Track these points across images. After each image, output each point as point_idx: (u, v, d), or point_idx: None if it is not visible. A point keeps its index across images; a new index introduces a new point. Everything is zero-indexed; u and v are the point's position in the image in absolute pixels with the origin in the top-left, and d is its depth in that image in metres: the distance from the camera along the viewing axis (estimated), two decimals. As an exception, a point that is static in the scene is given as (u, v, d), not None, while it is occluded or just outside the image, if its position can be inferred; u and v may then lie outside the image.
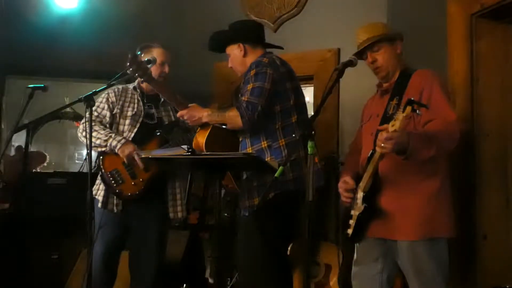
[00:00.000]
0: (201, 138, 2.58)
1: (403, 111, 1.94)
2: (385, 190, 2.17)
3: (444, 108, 2.15)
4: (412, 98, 1.97)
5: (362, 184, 2.18)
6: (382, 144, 1.98)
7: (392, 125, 1.96)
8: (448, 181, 2.24)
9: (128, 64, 2.62)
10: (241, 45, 2.69)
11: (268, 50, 2.76)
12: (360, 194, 2.18)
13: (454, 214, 2.23)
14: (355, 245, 2.36)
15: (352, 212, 2.20)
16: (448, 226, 2.19)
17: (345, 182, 2.30)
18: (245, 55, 2.70)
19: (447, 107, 2.16)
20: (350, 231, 2.19)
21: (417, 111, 1.96)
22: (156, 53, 2.84)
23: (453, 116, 2.13)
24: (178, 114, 2.69)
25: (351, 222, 2.19)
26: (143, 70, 2.67)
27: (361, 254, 2.34)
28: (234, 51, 2.72)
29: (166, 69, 2.91)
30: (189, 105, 2.65)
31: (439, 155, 2.11)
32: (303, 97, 2.70)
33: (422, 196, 2.16)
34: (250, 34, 2.73)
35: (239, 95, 2.58)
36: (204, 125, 2.61)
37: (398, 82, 2.31)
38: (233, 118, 2.49)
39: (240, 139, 2.64)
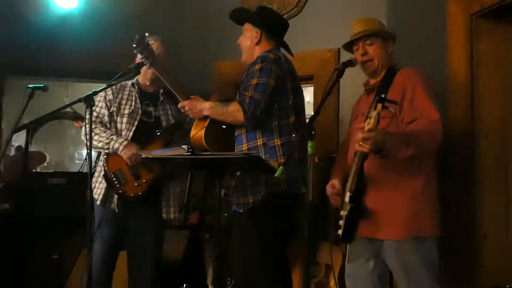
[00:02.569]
0: (199, 130, 2.55)
1: (375, 109, 1.96)
2: (371, 189, 2.18)
3: (426, 108, 2.14)
4: (382, 95, 1.99)
5: (348, 184, 2.19)
6: (360, 143, 1.99)
7: (368, 124, 1.98)
8: (433, 180, 2.24)
9: (135, 45, 2.62)
10: (259, 31, 2.66)
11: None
12: (347, 194, 2.18)
13: (440, 214, 2.22)
14: (347, 245, 2.36)
15: (341, 213, 2.20)
16: (434, 225, 2.19)
17: (332, 185, 2.34)
18: (257, 43, 2.66)
19: (430, 106, 2.15)
20: (340, 231, 2.19)
21: (389, 108, 1.98)
22: (153, 46, 2.82)
23: (436, 116, 2.12)
24: (179, 105, 2.64)
25: (341, 222, 2.19)
26: (149, 52, 2.67)
27: (352, 254, 2.34)
28: (251, 33, 2.68)
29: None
30: (191, 96, 2.63)
31: (420, 155, 2.11)
32: (302, 99, 2.67)
33: (406, 195, 2.16)
34: (272, 26, 2.69)
35: (241, 88, 2.54)
36: (202, 117, 2.58)
37: (383, 80, 2.32)
38: (234, 113, 2.45)
39: (236, 134, 2.60)
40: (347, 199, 2.17)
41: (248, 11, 2.78)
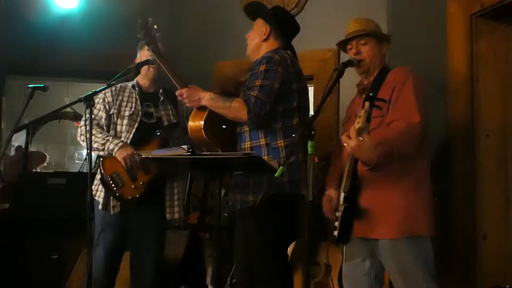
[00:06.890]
0: (198, 121, 2.51)
1: (363, 107, 1.96)
2: (364, 189, 2.17)
3: (409, 109, 2.10)
4: (370, 94, 1.99)
5: (342, 184, 2.18)
6: (349, 150, 1.98)
7: (357, 123, 1.96)
8: (427, 180, 2.22)
9: (138, 29, 2.60)
10: (268, 28, 2.64)
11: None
12: (341, 195, 2.17)
13: (433, 213, 2.20)
14: (344, 246, 2.36)
15: (337, 214, 2.19)
16: (428, 224, 2.18)
17: (329, 199, 2.35)
18: (265, 39, 2.65)
19: (414, 108, 2.10)
20: (336, 232, 2.18)
21: (379, 106, 1.98)
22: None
23: (417, 119, 2.07)
24: (177, 93, 2.60)
25: (336, 224, 2.18)
26: (151, 38, 2.63)
27: (349, 254, 2.34)
28: (260, 28, 2.67)
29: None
30: (189, 85, 2.59)
31: (402, 162, 2.07)
32: (307, 100, 2.65)
33: (400, 194, 2.15)
34: (283, 26, 2.67)
35: (244, 88, 2.52)
36: (200, 108, 2.54)
37: (375, 80, 2.31)
38: (238, 110, 2.41)
39: (238, 131, 2.60)
40: (341, 200, 2.16)
41: (263, 6, 2.76)
